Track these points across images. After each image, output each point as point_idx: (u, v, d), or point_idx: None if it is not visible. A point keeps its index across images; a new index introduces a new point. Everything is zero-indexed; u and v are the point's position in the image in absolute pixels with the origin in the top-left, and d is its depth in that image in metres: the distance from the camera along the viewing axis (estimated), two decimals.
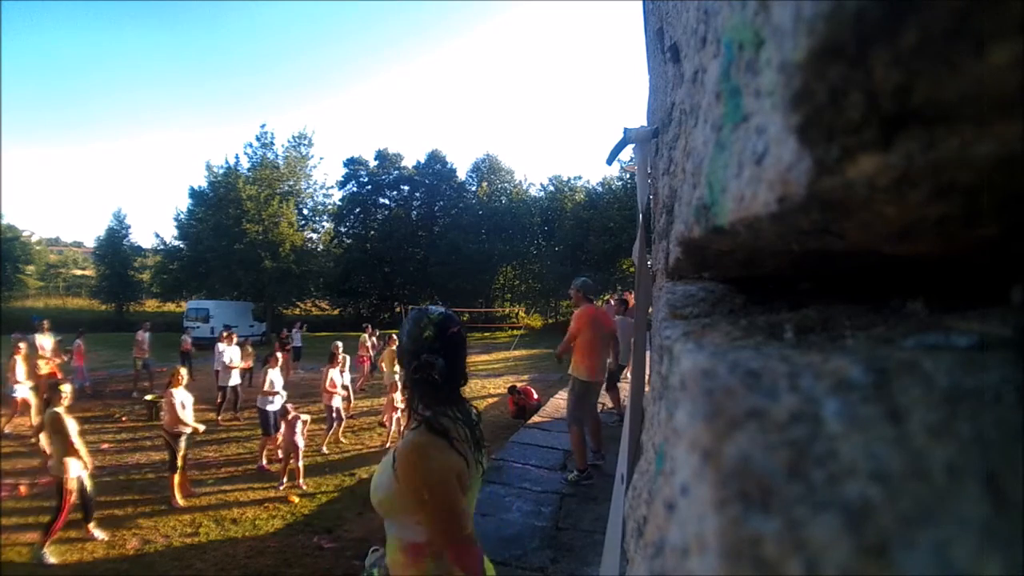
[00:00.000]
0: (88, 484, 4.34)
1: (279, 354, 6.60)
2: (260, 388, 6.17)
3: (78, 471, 4.20)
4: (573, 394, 4.46)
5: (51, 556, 4.08)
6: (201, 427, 5.36)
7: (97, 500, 4.52)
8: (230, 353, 8.03)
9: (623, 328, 5.44)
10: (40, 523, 4.31)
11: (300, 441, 5.60)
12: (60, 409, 4.18)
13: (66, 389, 4.33)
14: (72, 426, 4.17)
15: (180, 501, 5.09)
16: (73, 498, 4.15)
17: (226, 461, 6.31)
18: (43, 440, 4.27)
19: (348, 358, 7.31)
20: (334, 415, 6.79)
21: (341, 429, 7.13)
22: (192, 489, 5.35)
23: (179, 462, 5.13)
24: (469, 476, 1.19)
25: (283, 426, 5.70)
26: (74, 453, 4.14)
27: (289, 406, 5.88)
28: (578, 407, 4.40)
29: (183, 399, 5.20)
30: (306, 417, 5.75)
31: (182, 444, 5.14)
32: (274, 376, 6.13)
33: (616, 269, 24.46)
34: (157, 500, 5.18)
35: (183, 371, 5.41)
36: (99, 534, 4.39)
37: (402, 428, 5.38)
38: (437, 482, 1.13)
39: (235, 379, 8.08)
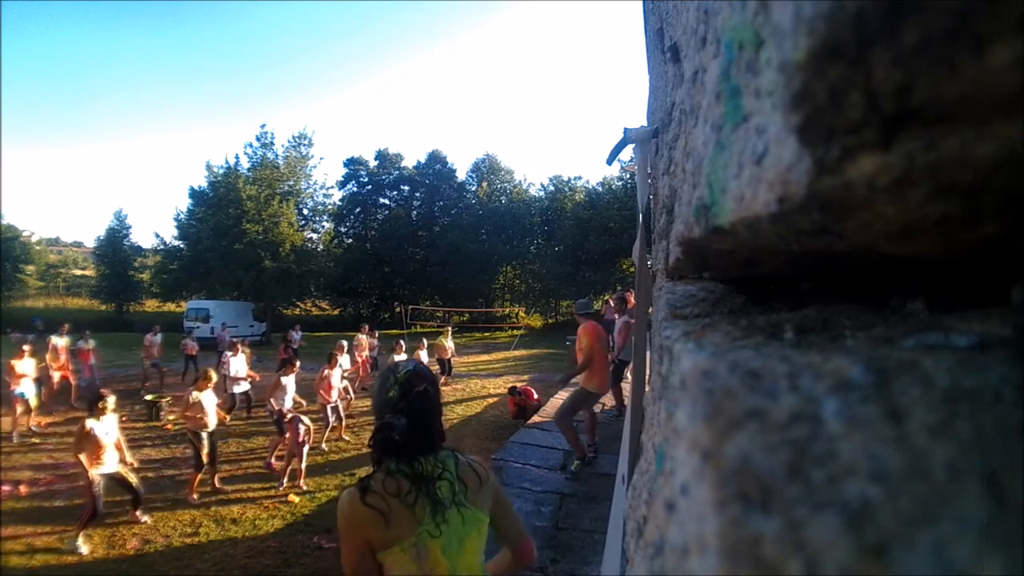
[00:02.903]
0: (132, 478, 4.63)
1: (297, 362, 6.68)
2: (271, 391, 6.17)
3: (107, 470, 4.39)
4: (575, 397, 4.59)
5: (83, 547, 4.24)
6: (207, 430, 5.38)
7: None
8: (236, 364, 8.00)
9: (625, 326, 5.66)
10: (41, 522, 4.33)
11: (305, 446, 5.61)
12: (95, 423, 4.35)
13: (110, 402, 4.52)
14: (102, 429, 4.37)
15: (193, 498, 5.12)
16: (99, 493, 4.30)
17: (226, 461, 6.30)
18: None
19: (346, 357, 7.32)
20: (330, 414, 6.81)
21: (342, 428, 7.14)
22: (222, 486, 5.41)
23: (204, 460, 5.21)
24: (393, 529, 1.16)
25: (287, 428, 5.72)
26: (95, 455, 4.32)
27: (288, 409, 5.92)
28: (572, 411, 4.56)
29: (205, 400, 5.24)
30: (307, 420, 5.75)
31: (205, 443, 5.20)
32: (287, 381, 6.15)
33: (616, 269, 24.46)
34: (157, 500, 5.18)
35: (212, 372, 5.51)
36: (144, 518, 4.66)
37: None
38: (343, 536, 1.21)
39: (243, 388, 8.08)
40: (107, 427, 4.45)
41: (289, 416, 5.73)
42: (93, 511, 4.28)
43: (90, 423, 4.33)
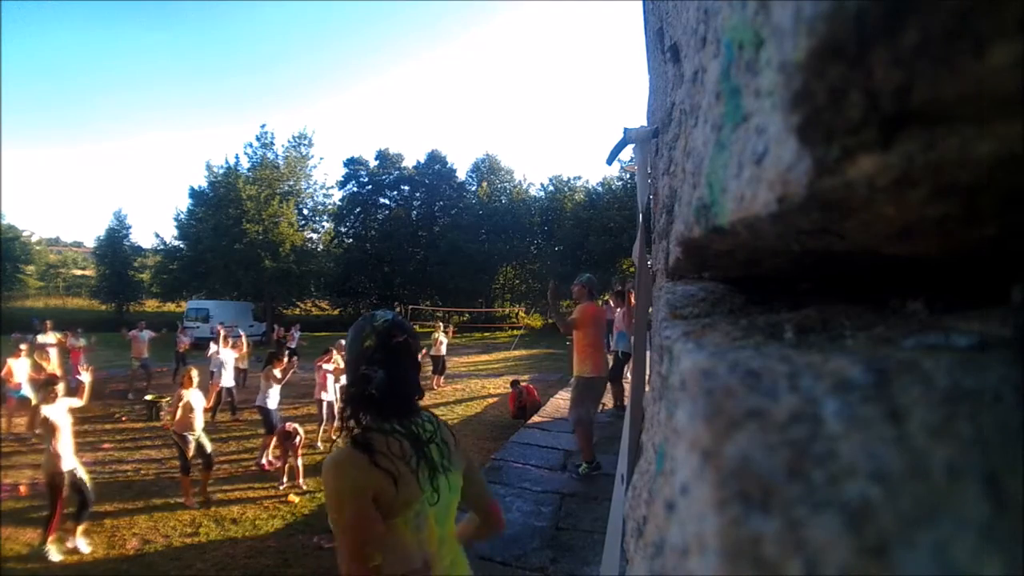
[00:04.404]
0: (87, 481, 4.34)
1: (284, 356, 6.64)
2: (258, 387, 6.18)
3: (68, 467, 4.20)
4: (576, 393, 4.47)
5: (55, 553, 4.10)
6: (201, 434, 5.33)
7: (96, 500, 4.51)
8: (225, 354, 8.01)
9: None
10: (41, 523, 4.32)
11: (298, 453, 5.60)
12: (48, 407, 4.19)
13: (59, 388, 4.34)
14: (63, 423, 4.18)
15: (190, 501, 5.06)
16: (64, 493, 4.15)
17: (226, 461, 6.30)
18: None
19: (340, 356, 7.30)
20: (324, 411, 6.78)
21: (334, 427, 7.14)
22: (212, 492, 5.32)
23: (190, 462, 5.12)
24: (402, 494, 1.08)
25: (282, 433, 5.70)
26: (60, 450, 4.15)
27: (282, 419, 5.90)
28: (580, 404, 4.40)
29: (193, 400, 5.19)
30: (298, 428, 5.71)
31: (191, 446, 5.11)
32: (276, 374, 6.15)
33: (616, 269, 24.46)
34: (157, 500, 5.18)
35: (194, 372, 5.40)
36: (83, 544, 4.28)
37: None
38: (346, 501, 1.05)
39: (228, 380, 8.03)
40: (61, 412, 4.24)
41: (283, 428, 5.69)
42: (59, 512, 4.13)
43: (44, 409, 4.17)
